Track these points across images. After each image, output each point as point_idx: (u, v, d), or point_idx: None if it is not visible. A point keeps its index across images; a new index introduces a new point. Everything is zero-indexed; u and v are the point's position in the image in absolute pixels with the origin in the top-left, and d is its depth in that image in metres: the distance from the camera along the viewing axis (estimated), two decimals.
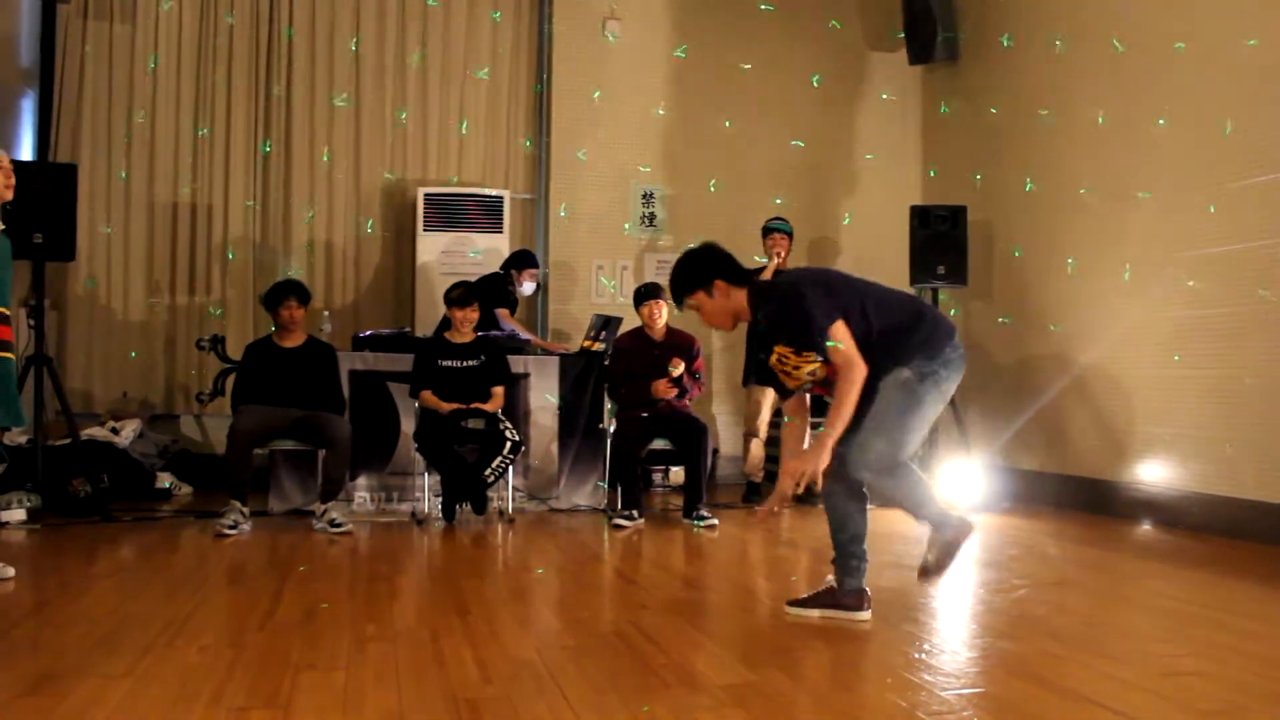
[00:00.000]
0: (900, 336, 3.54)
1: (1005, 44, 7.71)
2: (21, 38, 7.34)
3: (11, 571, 4.16)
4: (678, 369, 6.23)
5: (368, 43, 8.03)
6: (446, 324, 6.40)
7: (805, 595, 3.74)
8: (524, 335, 7.00)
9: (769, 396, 7.13)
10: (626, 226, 8.39)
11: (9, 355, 4.20)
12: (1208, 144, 5.83)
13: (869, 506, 3.76)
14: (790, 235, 7.20)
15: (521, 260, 7.36)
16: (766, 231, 7.19)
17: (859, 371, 3.43)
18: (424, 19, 8.14)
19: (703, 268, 3.75)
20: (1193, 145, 5.93)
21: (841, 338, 3.45)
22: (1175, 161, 6.06)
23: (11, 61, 7.25)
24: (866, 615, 3.62)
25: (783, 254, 7.11)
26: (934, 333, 3.57)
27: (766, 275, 6.98)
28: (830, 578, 3.72)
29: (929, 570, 3.61)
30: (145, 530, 5.64)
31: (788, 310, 3.56)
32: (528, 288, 7.36)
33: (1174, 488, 6.03)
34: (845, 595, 3.65)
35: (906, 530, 5.78)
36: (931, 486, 3.66)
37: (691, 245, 3.90)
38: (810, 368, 3.55)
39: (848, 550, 3.69)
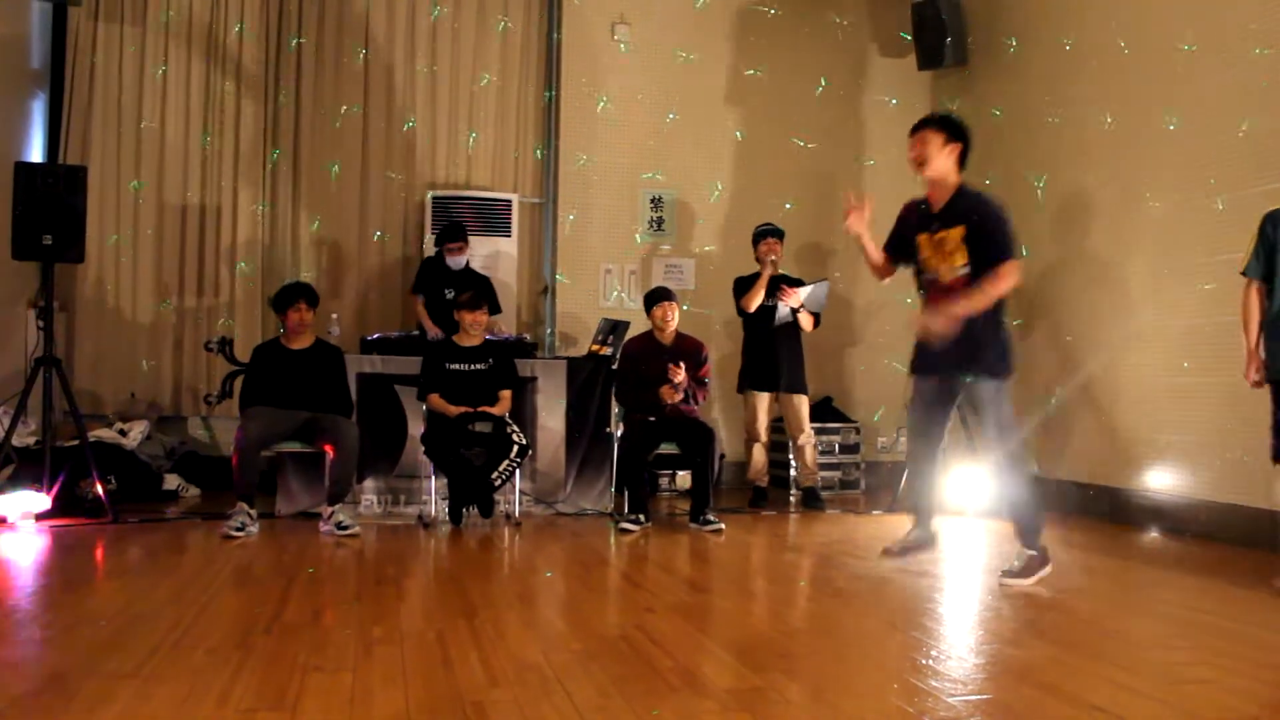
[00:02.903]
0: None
1: (1012, 48, 7.71)
2: (32, 40, 7.37)
3: None
4: (679, 375, 6.23)
5: (376, 45, 8.05)
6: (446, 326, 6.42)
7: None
8: (430, 331, 6.90)
9: (764, 401, 7.15)
10: (637, 235, 8.39)
11: None
12: (1219, 148, 5.82)
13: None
14: (782, 238, 7.19)
15: (447, 234, 7.15)
16: (759, 236, 7.15)
17: (1013, 285, 4.26)
18: (433, 22, 8.16)
19: (963, 131, 4.47)
20: (1204, 149, 5.92)
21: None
22: (1186, 166, 6.05)
23: (22, 63, 7.28)
24: None
25: (776, 259, 7.08)
26: None
27: (763, 282, 6.99)
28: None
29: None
30: (152, 531, 5.65)
31: (1001, 221, 4.32)
32: (456, 262, 7.13)
33: (1182, 495, 6.02)
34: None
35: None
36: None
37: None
38: (962, 262, 4.34)
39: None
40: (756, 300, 7.01)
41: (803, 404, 7.21)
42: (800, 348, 7.22)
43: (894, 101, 8.82)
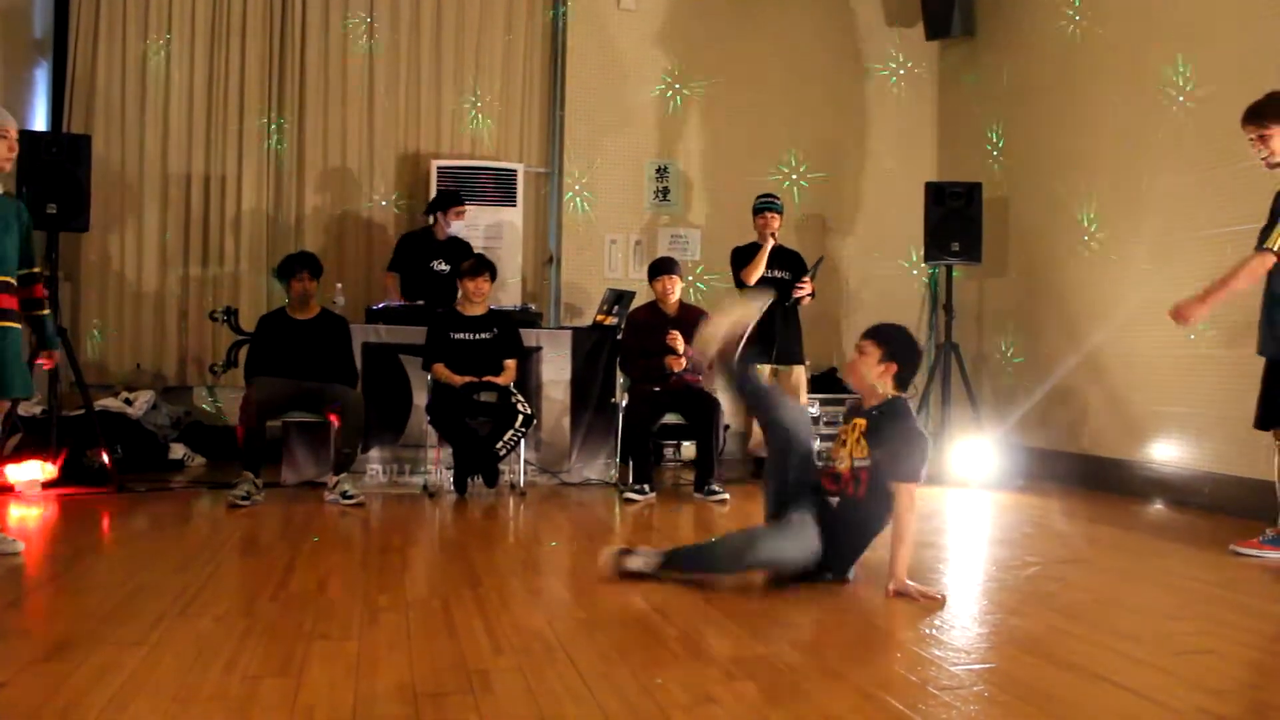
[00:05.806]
0: None
1: (1021, 19, 7.64)
2: (35, 8, 7.33)
3: (21, 545, 4.11)
4: (678, 343, 6.21)
5: (382, 13, 7.99)
6: (446, 293, 6.40)
7: None
8: (394, 302, 6.80)
9: (764, 373, 7.10)
10: (643, 206, 8.36)
11: (10, 325, 4.22)
12: (1229, 119, 5.75)
13: None
14: (781, 213, 7.07)
15: (443, 201, 7.10)
16: (758, 210, 7.02)
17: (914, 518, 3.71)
18: None
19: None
20: (1213, 121, 5.87)
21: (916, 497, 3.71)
22: (1194, 137, 6.00)
23: (25, 32, 7.23)
24: None
25: (774, 233, 6.96)
26: None
27: (763, 256, 6.88)
28: None
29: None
30: (158, 501, 5.67)
31: (910, 439, 3.70)
32: (456, 227, 7.11)
33: (1187, 467, 6.01)
34: None
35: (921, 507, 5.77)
36: None
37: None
38: (861, 458, 3.74)
39: None
40: (757, 274, 6.91)
41: (801, 375, 7.17)
42: (797, 319, 7.16)
43: (901, 71, 8.76)
